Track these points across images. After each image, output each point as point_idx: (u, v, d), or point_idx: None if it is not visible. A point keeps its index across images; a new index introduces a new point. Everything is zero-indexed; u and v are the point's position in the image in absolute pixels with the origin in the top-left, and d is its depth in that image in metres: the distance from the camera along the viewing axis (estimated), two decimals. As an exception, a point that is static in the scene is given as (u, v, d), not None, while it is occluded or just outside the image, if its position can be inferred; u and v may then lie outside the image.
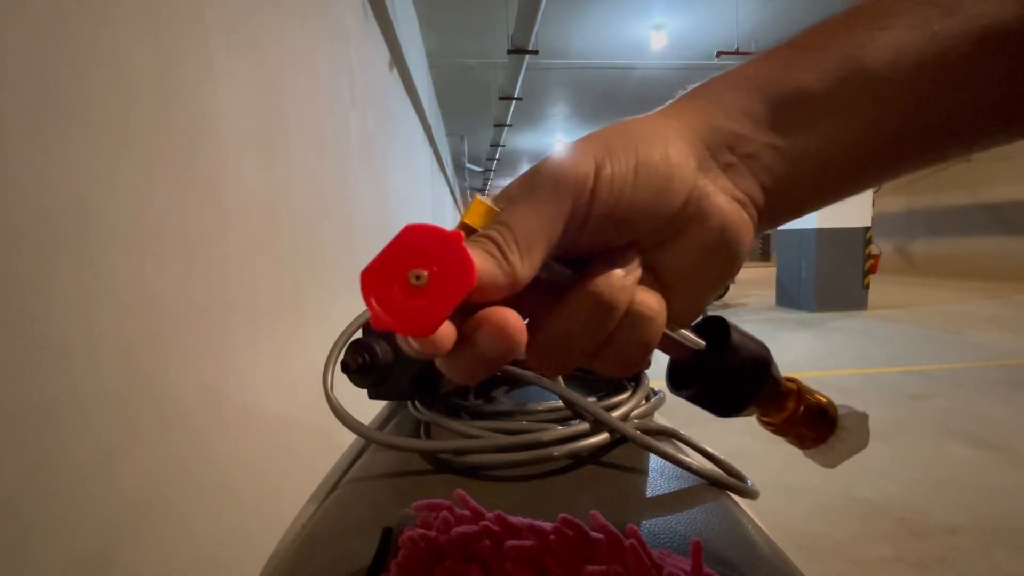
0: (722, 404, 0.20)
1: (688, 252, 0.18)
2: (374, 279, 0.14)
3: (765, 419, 0.22)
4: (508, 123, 7.43)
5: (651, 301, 0.18)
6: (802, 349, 3.74)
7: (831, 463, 0.21)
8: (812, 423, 0.21)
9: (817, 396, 0.22)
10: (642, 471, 0.32)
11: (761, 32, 5.93)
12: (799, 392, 0.21)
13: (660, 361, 0.21)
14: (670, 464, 0.32)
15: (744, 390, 0.20)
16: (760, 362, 0.20)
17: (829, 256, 5.25)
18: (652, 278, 0.19)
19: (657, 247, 0.19)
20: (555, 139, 11.53)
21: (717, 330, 0.21)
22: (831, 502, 1.67)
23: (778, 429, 0.21)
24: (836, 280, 5.30)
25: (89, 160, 0.52)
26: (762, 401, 0.21)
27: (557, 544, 0.20)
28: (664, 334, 0.19)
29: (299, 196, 1.17)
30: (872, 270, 5.52)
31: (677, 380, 0.21)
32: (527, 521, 0.21)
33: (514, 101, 6.11)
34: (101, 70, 0.54)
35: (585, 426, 0.33)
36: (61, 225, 0.48)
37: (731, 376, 0.20)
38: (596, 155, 0.17)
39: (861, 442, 0.21)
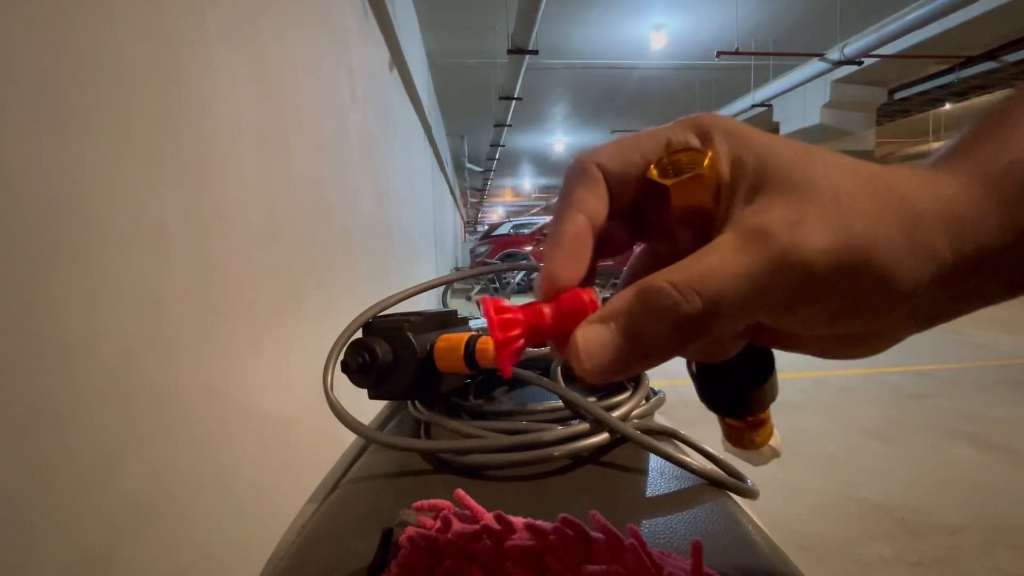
0: (730, 402, 0.22)
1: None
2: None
3: (734, 421, 0.24)
4: (508, 123, 7.43)
5: None
6: (802, 349, 3.74)
7: (756, 462, 0.25)
8: (761, 431, 0.23)
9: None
10: (642, 471, 0.32)
11: (761, 32, 5.93)
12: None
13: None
14: (670, 464, 0.32)
15: (754, 402, 0.22)
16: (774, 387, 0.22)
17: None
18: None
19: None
20: (555, 139, 11.54)
21: (760, 358, 0.21)
22: (831, 502, 1.67)
23: (737, 430, 0.24)
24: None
25: (89, 160, 0.52)
26: (752, 412, 0.22)
27: (557, 544, 0.20)
28: None
29: (299, 196, 1.17)
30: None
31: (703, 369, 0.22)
32: (527, 521, 0.21)
33: (514, 101, 6.12)
34: (101, 70, 0.54)
35: (585, 426, 0.33)
36: (61, 225, 0.48)
37: (751, 386, 0.21)
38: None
39: (775, 453, 0.24)
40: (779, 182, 0.15)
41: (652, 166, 0.17)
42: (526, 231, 8.78)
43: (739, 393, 0.21)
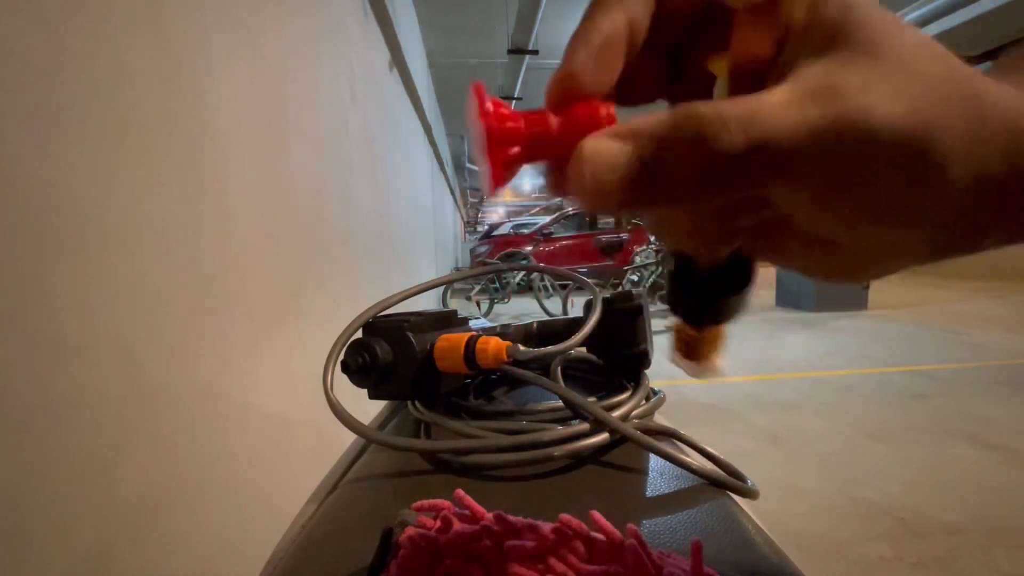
0: (699, 307, 0.22)
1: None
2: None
3: (691, 330, 0.23)
4: (508, 123, 7.42)
5: None
6: (802, 349, 3.74)
7: (698, 375, 0.25)
8: (713, 344, 0.24)
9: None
10: (642, 471, 0.32)
11: (761, 32, 5.93)
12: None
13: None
14: (670, 464, 0.32)
15: (724, 311, 0.21)
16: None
17: (829, 256, 5.23)
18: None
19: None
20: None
21: (740, 267, 0.21)
22: (831, 502, 1.67)
23: (692, 340, 0.24)
24: (836, 280, 5.29)
25: (89, 160, 0.52)
26: (718, 320, 0.22)
27: (557, 544, 0.20)
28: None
29: (299, 196, 1.17)
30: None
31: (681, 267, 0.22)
32: (527, 521, 0.21)
33: (514, 101, 6.12)
34: (101, 70, 0.54)
35: (585, 426, 0.33)
36: (61, 225, 0.48)
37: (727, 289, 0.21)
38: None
39: (717, 371, 0.25)
40: (860, 41, 0.13)
41: None
42: (526, 231, 8.78)
43: (712, 299, 0.21)
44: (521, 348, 0.38)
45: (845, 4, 0.14)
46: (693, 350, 0.24)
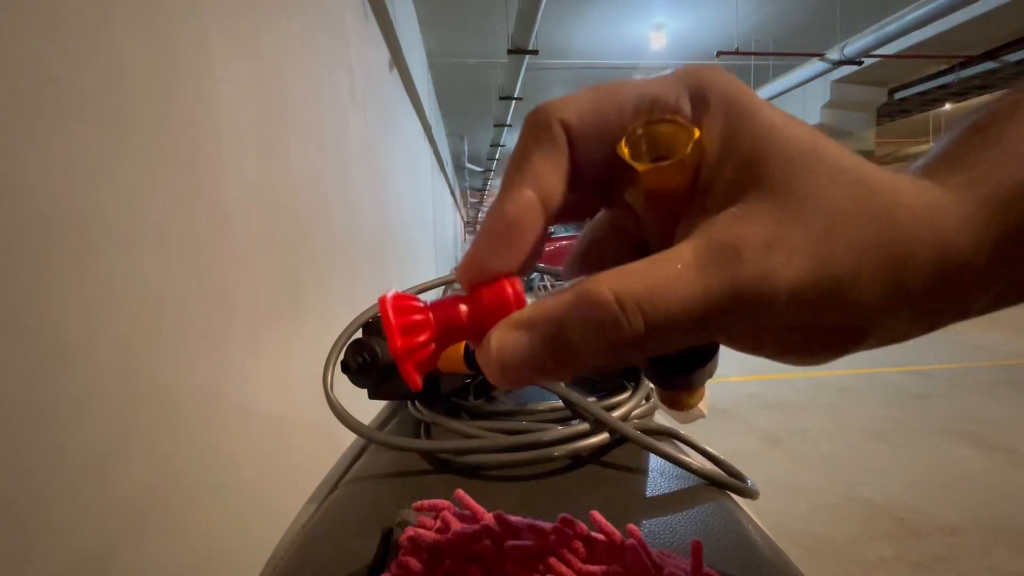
0: (670, 379, 0.22)
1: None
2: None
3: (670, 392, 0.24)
4: (508, 123, 7.44)
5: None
6: (802, 349, 3.74)
7: (683, 421, 0.26)
8: (694, 395, 0.24)
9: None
10: (642, 471, 0.32)
11: (761, 32, 5.93)
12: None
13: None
14: (670, 464, 0.32)
15: (694, 381, 0.22)
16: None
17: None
18: None
19: None
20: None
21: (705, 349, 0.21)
22: (831, 502, 1.67)
23: (672, 395, 0.24)
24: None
25: (89, 159, 0.52)
26: (690, 389, 0.23)
27: (557, 544, 0.20)
28: None
29: (299, 196, 1.17)
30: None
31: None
32: (527, 521, 0.21)
33: (514, 101, 6.12)
34: (100, 70, 0.54)
35: (585, 426, 0.33)
36: (60, 224, 0.48)
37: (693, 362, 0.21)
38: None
39: (701, 415, 0.25)
40: (771, 184, 0.13)
41: (624, 140, 0.14)
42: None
43: (676, 373, 0.21)
44: (521, 348, 0.38)
45: (763, 137, 0.13)
46: (675, 402, 0.24)
